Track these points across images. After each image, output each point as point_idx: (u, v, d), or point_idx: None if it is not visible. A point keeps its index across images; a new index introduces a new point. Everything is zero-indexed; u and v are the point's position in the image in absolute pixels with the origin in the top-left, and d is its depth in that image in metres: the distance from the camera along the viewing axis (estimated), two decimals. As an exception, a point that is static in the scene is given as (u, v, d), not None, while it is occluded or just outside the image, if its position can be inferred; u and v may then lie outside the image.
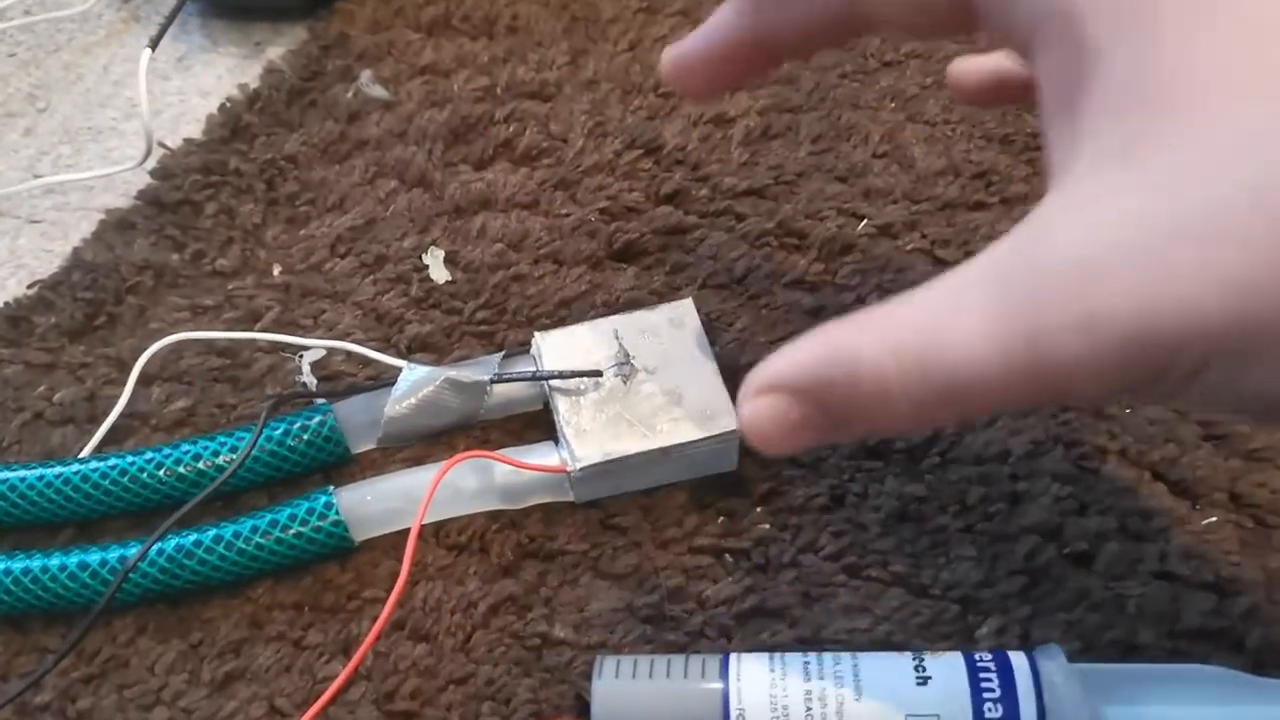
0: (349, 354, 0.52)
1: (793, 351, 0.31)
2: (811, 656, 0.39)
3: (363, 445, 0.50)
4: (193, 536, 0.46)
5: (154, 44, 0.58)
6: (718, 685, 0.39)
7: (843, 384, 0.30)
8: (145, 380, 0.52)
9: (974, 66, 0.43)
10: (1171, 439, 0.48)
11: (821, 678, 0.38)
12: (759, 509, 0.47)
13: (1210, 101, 0.26)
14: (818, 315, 0.52)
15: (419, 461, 0.49)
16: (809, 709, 0.38)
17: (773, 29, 0.38)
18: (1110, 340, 0.26)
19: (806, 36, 0.38)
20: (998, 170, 0.57)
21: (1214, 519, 0.45)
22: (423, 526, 0.45)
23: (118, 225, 0.59)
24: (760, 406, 0.32)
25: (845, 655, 0.39)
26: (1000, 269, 0.28)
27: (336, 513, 0.46)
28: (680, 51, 0.40)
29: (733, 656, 0.40)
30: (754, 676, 0.39)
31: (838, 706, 0.38)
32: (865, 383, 0.29)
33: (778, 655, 0.40)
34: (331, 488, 0.47)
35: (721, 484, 0.48)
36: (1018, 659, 0.38)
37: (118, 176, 0.61)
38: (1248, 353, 0.25)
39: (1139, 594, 0.44)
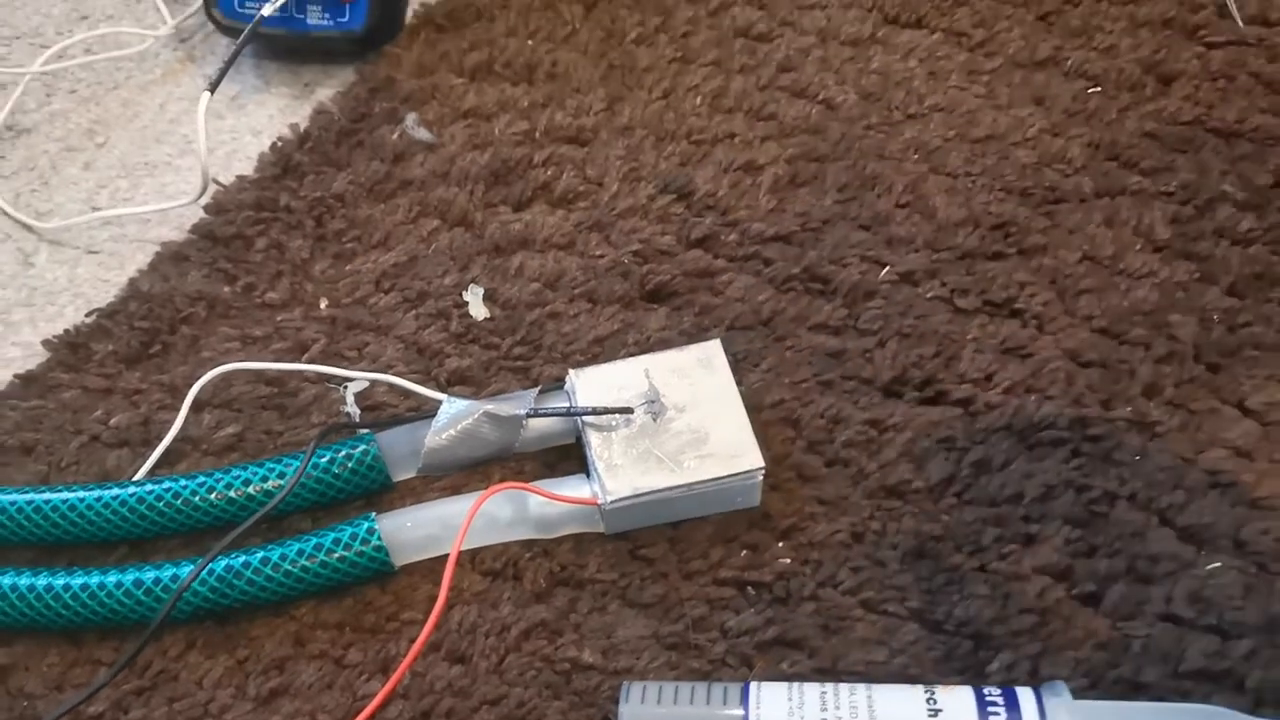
0: (391, 386, 0.55)
1: None
2: (829, 687, 0.41)
3: (403, 474, 0.52)
4: (241, 558, 0.49)
5: (213, 87, 0.61)
6: (738, 712, 0.41)
7: None
8: (197, 406, 0.55)
9: None
10: (1179, 485, 0.50)
11: (838, 707, 0.40)
12: (781, 543, 0.49)
13: None
14: (839, 358, 0.55)
15: (457, 491, 0.51)
16: (825, 736, 0.40)
17: None
18: None
19: None
20: (1016, 222, 0.59)
21: (1218, 564, 0.47)
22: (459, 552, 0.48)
23: (173, 257, 0.62)
24: None
25: (860, 686, 0.41)
26: None
27: (378, 538, 0.48)
28: None
29: (753, 685, 0.42)
30: (773, 704, 0.41)
31: (853, 735, 0.40)
32: None
33: (796, 685, 0.42)
34: (374, 514, 0.49)
35: (746, 518, 0.50)
36: (1025, 695, 0.40)
37: (172, 210, 0.64)
38: None
39: (1145, 634, 0.45)
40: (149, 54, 0.72)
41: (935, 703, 0.40)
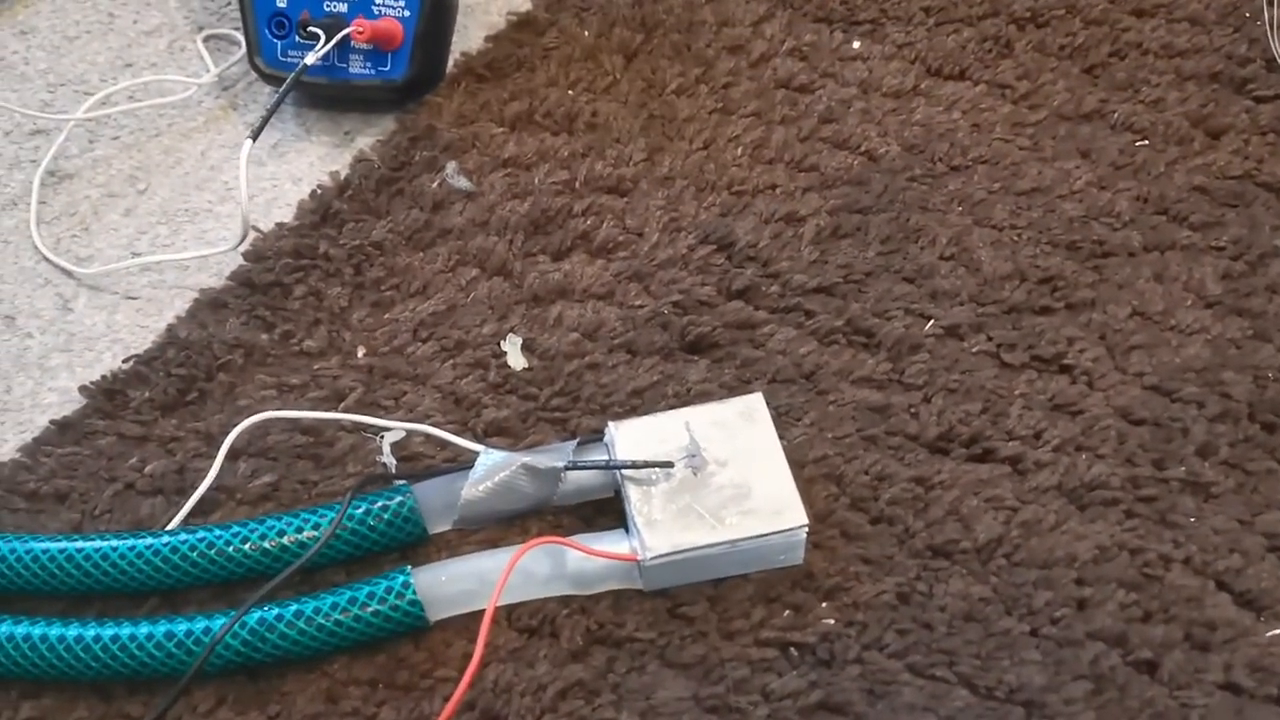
0: (428, 436, 0.54)
1: None
2: (877, 755, 0.40)
3: (439, 526, 0.52)
4: (275, 611, 0.48)
5: (255, 135, 0.62)
6: (783, 780, 0.40)
7: None
8: (233, 455, 0.55)
9: None
10: (1236, 549, 0.48)
11: (887, 777, 0.39)
12: (825, 604, 0.48)
13: None
14: (884, 413, 0.54)
15: (493, 544, 0.51)
16: (874, 808, 0.38)
17: None
18: None
19: None
20: (1064, 275, 0.58)
21: (1278, 631, 0.46)
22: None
23: (211, 304, 0.62)
24: None
25: (910, 755, 0.40)
26: None
27: (414, 592, 0.47)
28: None
29: (798, 752, 0.41)
30: (819, 773, 0.40)
31: (903, 807, 0.38)
32: None
33: (843, 752, 0.40)
34: (409, 567, 0.49)
35: (789, 577, 0.49)
36: (1083, 767, 0.39)
37: (212, 257, 0.64)
38: None
39: (1203, 704, 0.44)
40: (192, 102, 0.73)
41: (988, 774, 0.39)
